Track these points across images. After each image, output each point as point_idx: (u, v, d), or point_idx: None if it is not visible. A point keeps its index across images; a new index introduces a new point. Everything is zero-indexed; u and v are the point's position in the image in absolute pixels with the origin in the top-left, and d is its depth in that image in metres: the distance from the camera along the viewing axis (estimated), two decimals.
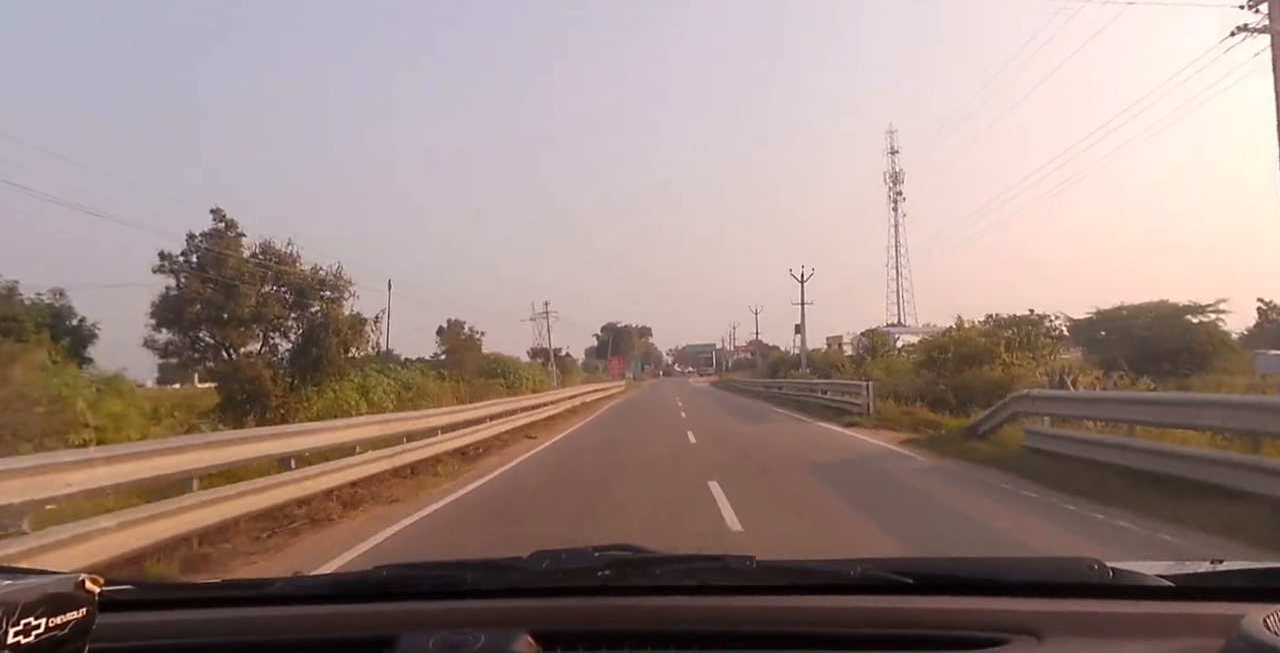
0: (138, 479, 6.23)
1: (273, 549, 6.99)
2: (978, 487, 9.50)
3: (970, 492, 9.18)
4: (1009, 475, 9.94)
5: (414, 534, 7.60)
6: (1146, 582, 1.40)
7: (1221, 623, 1.16)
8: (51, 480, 5.27)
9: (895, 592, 1.40)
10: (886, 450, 13.92)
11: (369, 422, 11.72)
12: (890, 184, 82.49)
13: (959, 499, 8.67)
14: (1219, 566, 1.55)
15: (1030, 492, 8.78)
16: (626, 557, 1.49)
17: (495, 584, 1.47)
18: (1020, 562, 1.57)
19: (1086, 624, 1.29)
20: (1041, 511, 7.79)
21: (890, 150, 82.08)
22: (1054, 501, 8.19)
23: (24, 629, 0.80)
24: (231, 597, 1.59)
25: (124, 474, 6.01)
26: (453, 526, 8.11)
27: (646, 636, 1.33)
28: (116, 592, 1.36)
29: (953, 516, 7.83)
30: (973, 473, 10.63)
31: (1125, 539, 6.40)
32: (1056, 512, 7.67)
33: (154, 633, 1.40)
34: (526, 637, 1.29)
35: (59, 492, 5.34)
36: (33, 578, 0.87)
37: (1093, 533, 6.70)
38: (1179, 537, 6.29)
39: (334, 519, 8.28)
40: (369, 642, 1.34)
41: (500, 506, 9.31)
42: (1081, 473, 9.00)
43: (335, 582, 1.67)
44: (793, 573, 1.47)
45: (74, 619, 0.86)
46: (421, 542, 7.24)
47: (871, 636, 1.31)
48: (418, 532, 7.74)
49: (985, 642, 1.26)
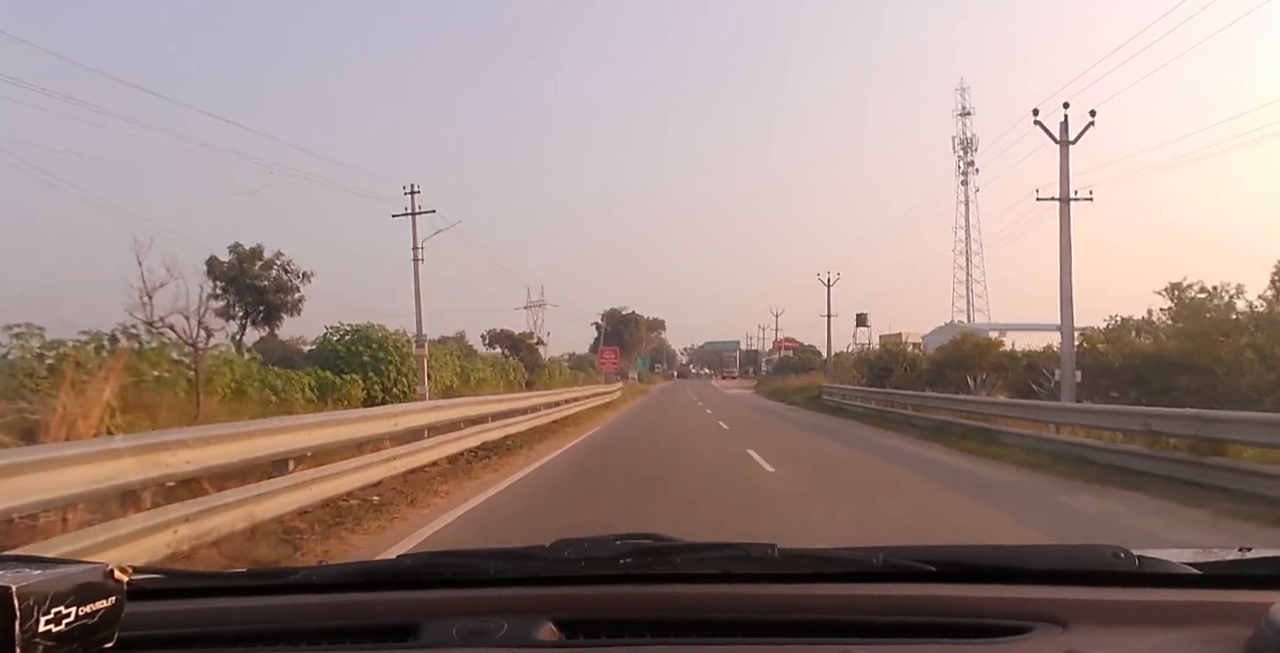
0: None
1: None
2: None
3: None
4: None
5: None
6: (1173, 570, 1.38)
7: (1250, 611, 1.15)
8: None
9: (918, 580, 1.39)
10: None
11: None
12: (960, 152, 66.47)
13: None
14: (1247, 553, 1.53)
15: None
16: (649, 545, 1.49)
17: (518, 572, 1.48)
18: (1045, 549, 1.56)
19: (1112, 612, 1.28)
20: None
21: (961, 111, 66.45)
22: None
23: (55, 618, 0.81)
24: (257, 585, 1.61)
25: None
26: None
27: (669, 624, 1.33)
28: (145, 580, 1.38)
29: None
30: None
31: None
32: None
33: (182, 621, 1.41)
34: (549, 624, 1.29)
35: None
36: (62, 568, 0.88)
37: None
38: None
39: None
40: (393, 630, 1.35)
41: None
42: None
43: (359, 570, 1.69)
44: (816, 561, 1.47)
45: (103, 608, 0.87)
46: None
47: (894, 623, 1.30)
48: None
49: (1009, 630, 1.25)
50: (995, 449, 13.42)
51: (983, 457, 13.00)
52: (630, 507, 8.54)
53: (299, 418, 9.70)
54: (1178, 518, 7.73)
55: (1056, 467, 11.03)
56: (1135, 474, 9.90)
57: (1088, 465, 10.75)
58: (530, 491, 10.02)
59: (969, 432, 15.64)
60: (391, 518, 7.89)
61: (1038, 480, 10.40)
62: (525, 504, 9.04)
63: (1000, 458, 12.55)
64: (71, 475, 4.87)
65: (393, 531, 7.37)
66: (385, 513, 8.07)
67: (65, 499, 4.95)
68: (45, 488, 4.68)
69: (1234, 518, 7.42)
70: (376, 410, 12.67)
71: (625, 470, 12.17)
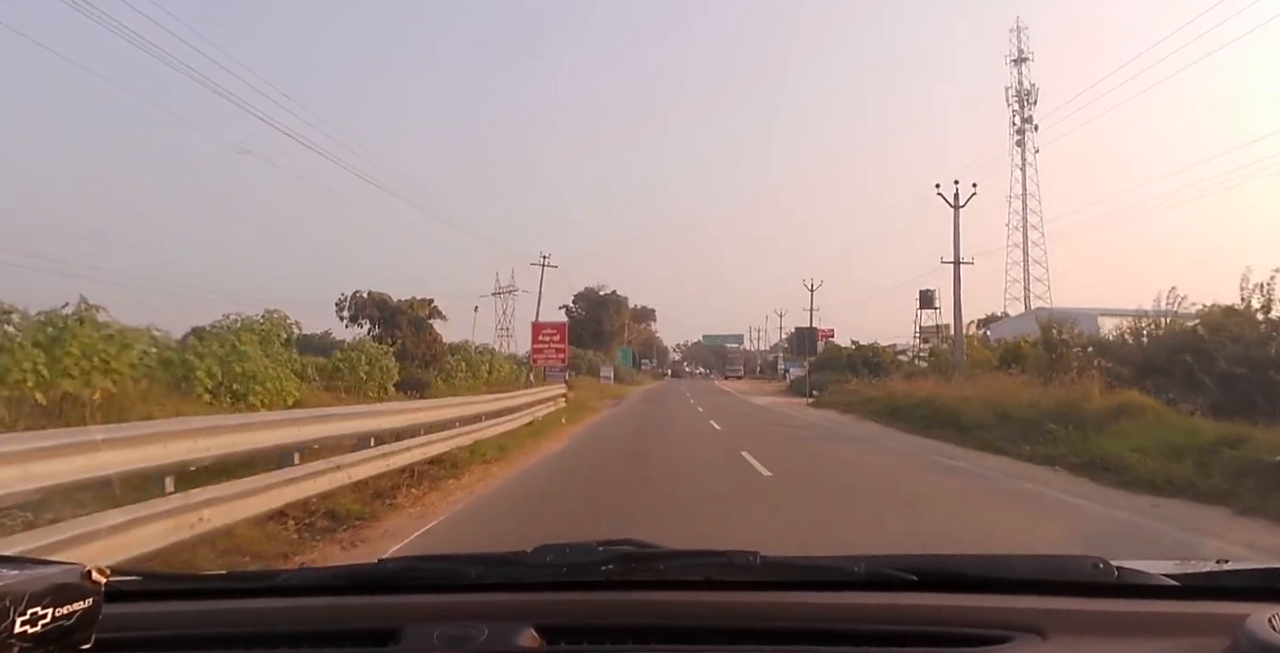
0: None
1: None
2: None
3: None
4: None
5: None
6: (1152, 581, 1.39)
7: (1226, 623, 1.16)
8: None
9: (900, 588, 1.39)
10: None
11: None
12: (1016, 106, 51.94)
13: None
14: (1224, 565, 1.55)
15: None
16: (632, 551, 1.49)
17: (500, 578, 1.47)
18: (1025, 559, 1.57)
19: (1091, 623, 1.29)
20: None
21: (1016, 56, 52.09)
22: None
23: (31, 619, 0.80)
24: (237, 588, 1.60)
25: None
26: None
27: (651, 630, 1.33)
28: (123, 582, 1.37)
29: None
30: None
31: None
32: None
33: (160, 624, 1.40)
34: (531, 631, 1.29)
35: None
36: (39, 568, 0.87)
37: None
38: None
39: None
40: (373, 634, 1.34)
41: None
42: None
43: (340, 574, 1.68)
44: (798, 569, 1.47)
45: (80, 609, 0.86)
46: None
47: (876, 632, 1.31)
48: None
49: (990, 639, 1.26)
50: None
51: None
52: None
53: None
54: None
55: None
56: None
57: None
58: None
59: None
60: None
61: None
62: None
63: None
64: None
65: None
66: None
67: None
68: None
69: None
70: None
71: None
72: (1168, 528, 7.86)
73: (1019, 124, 52.39)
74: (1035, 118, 51.71)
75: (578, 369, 48.83)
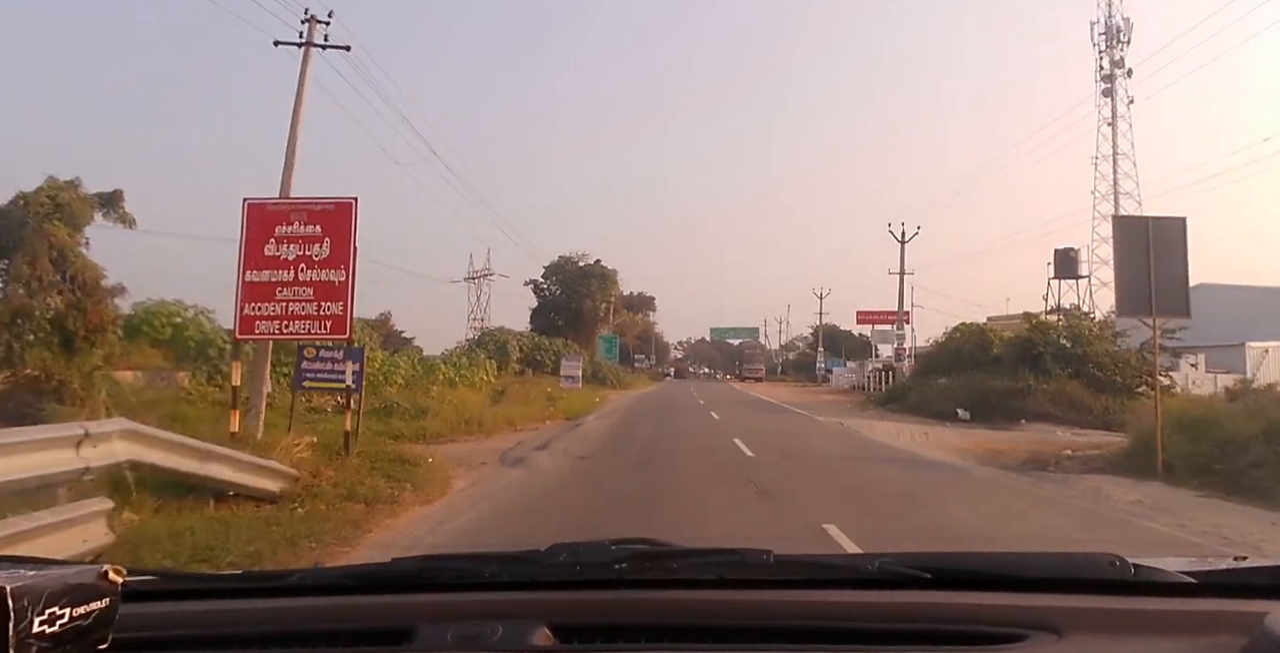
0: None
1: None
2: None
3: None
4: None
5: None
6: (1169, 578, 1.38)
7: (1244, 621, 1.15)
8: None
9: (914, 587, 1.39)
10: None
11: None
12: (1101, 47, 41.60)
13: None
14: (1242, 562, 1.54)
15: None
16: (644, 550, 1.49)
17: (513, 577, 1.47)
18: (1040, 557, 1.56)
19: (1107, 621, 1.28)
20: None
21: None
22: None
23: (49, 619, 0.81)
24: (252, 588, 1.60)
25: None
26: None
27: (663, 629, 1.33)
28: (139, 582, 1.38)
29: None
30: None
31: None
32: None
33: (176, 623, 1.41)
34: (544, 629, 1.29)
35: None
36: (56, 568, 0.88)
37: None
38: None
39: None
40: (387, 633, 1.35)
41: None
42: None
43: (354, 573, 1.69)
44: (811, 568, 1.47)
45: (97, 609, 0.87)
46: None
47: (890, 630, 1.30)
48: None
49: (1004, 637, 1.25)
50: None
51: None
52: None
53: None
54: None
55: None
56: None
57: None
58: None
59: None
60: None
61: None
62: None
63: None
64: None
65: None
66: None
67: None
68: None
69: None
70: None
71: None
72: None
73: (1107, 69, 41.79)
74: (1128, 61, 41.36)
75: (539, 366, 33.59)
